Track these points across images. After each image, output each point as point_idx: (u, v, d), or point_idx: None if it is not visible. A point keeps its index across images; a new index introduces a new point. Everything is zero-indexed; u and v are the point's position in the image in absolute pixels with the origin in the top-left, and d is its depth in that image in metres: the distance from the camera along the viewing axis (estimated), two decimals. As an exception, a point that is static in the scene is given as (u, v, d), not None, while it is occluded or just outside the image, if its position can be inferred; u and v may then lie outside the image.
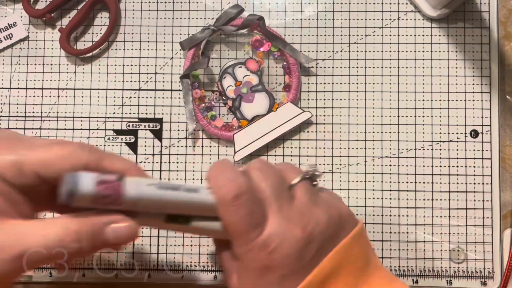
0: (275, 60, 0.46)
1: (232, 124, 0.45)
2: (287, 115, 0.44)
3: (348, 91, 0.45)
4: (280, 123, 0.44)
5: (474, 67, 0.45)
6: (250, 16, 0.44)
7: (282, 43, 0.45)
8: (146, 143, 0.45)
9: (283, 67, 0.45)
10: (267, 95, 0.45)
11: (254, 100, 0.45)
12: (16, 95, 0.46)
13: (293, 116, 0.44)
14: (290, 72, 0.45)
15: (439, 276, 0.43)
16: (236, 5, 0.45)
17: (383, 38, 0.45)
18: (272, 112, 0.44)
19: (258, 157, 0.45)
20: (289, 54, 0.44)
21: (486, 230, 0.44)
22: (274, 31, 0.45)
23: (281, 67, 0.45)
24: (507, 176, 0.45)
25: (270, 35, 0.45)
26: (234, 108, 0.45)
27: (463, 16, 0.45)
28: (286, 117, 0.44)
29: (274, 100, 0.45)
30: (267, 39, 0.45)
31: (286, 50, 0.44)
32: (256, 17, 0.44)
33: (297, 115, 0.44)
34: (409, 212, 0.44)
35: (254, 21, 0.44)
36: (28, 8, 0.45)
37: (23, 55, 0.46)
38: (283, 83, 0.45)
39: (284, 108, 0.44)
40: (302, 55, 0.45)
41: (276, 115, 0.44)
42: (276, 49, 0.45)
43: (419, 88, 0.45)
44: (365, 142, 0.45)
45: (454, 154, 0.44)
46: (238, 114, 0.44)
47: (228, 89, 0.45)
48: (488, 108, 0.45)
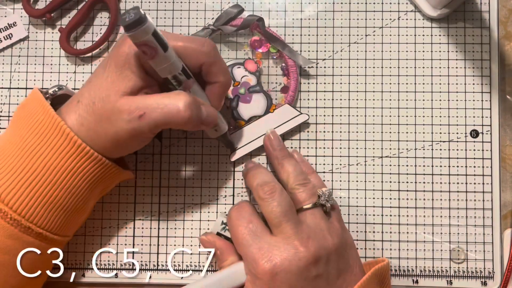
0: (273, 61, 0.46)
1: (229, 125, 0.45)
2: (284, 116, 0.44)
3: (348, 91, 0.45)
4: (276, 124, 0.44)
5: (474, 67, 0.45)
6: (249, 16, 0.44)
7: (281, 44, 0.44)
8: (146, 143, 0.45)
9: (281, 68, 0.45)
10: (264, 96, 0.45)
11: (251, 100, 0.45)
12: (16, 95, 0.46)
13: (290, 118, 0.44)
14: (288, 74, 0.45)
15: (439, 276, 0.43)
16: (236, 5, 0.45)
17: (383, 38, 0.45)
18: (269, 113, 0.44)
19: (256, 157, 0.45)
20: (288, 56, 0.44)
21: (486, 230, 0.44)
22: (273, 32, 0.45)
23: (280, 69, 0.45)
24: (507, 176, 0.45)
25: (269, 36, 0.44)
26: (231, 108, 0.45)
27: (463, 16, 0.45)
28: (283, 118, 0.44)
29: (271, 101, 0.45)
30: (266, 40, 0.45)
31: (285, 52, 0.44)
32: (256, 17, 0.44)
33: (294, 117, 0.44)
34: (409, 212, 0.44)
35: (253, 22, 0.44)
36: (28, 8, 0.45)
37: (23, 55, 0.46)
38: (281, 84, 0.45)
39: (281, 109, 0.44)
40: (300, 57, 0.44)
41: (273, 117, 0.44)
42: (275, 51, 0.45)
43: (419, 88, 0.45)
44: (365, 142, 0.45)
45: (454, 154, 0.44)
46: (235, 114, 0.44)
47: (226, 89, 0.45)
48: (488, 108, 0.45)
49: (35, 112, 0.36)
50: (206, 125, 0.38)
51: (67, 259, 0.44)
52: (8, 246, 0.35)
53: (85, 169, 0.36)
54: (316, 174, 0.42)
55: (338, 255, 0.37)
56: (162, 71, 0.36)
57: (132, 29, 0.33)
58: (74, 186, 0.36)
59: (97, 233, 0.44)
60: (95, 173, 0.37)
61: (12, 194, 0.35)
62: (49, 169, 0.35)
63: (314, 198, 0.39)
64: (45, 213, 0.36)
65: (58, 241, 0.38)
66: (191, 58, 0.37)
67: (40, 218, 0.36)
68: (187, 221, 0.44)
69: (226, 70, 0.38)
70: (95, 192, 0.39)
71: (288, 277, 0.35)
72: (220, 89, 0.39)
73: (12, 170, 0.35)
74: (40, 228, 0.36)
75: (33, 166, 0.35)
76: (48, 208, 0.36)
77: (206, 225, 0.44)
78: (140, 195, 0.45)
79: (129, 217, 0.45)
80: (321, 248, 0.36)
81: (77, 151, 0.36)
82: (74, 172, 0.36)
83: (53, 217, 0.36)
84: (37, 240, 0.36)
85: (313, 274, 0.35)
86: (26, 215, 0.35)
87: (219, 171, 0.45)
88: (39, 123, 0.36)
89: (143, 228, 0.44)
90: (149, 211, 0.45)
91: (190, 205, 0.45)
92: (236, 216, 0.38)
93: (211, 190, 0.45)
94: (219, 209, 0.45)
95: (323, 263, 0.36)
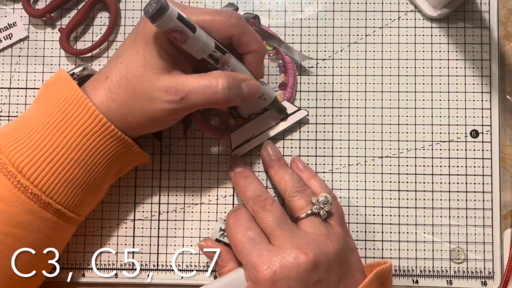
0: (270, 59, 0.46)
1: (229, 123, 0.45)
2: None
3: (348, 91, 0.45)
4: (276, 121, 0.44)
5: (474, 67, 0.45)
6: (245, 14, 0.44)
7: (277, 41, 0.45)
8: (146, 143, 0.45)
9: (278, 65, 0.45)
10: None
11: None
12: (16, 95, 0.46)
13: (289, 114, 0.44)
14: (286, 71, 0.45)
15: (439, 276, 0.43)
16: (230, 3, 0.45)
17: (383, 38, 0.45)
18: (268, 110, 0.44)
19: (256, 155, 0.45)
20: (285, 53, 0.44)
21: (486, 230, 0.44)
22: (269, 29, 0.45)
23: (277, 66, 0.45)
24: (507, 176, 0.45)
25: (265, 33, 0.44)
26: (230, 107, 0.45)
27: (463, 16, 0.45)
28: (282, 115, 0.44)
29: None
30: (262, 38, 0.45)
31: (282, 49, 0.44)
32: (252, 15, 0.44)
33: (293, 113, 0.44)
34: (409, 212, 0.44)
35: (249, 20, 0.44)
36: (28, 8, 0.45)
37: (23, 55, 0.46)
38: (279, 81, 0.45)
39: None
40: (297, 53, 0.44)
41: (272, 114, 0.44)
42: (272, 48, 0.45)
43: (419, 88, 0.45)
44: (365, 142, 0.45)
45: (454, 154, 0.44)
46: (234, 113, 0.44)
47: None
48: (488, 108, 0.45)
49: (61, 90, 0.37)
50: (250, 99, 0.39)
51: (67, 259, 0.44)
52: (27, 221, 0.36)
53: (107, 147, 0.37)
54: (318, 177, 0.42)
55: (339, 260, 0.37)
56: (196, 53, 0.36)
57: (157, 18, 0.33)
58: (94, 164, 0.37)
59: (97, 233, 0.44)
60: (116, 151, 0.38)
61: (34, 169, 0.35)
62: (71, 146, 0.36)
63: (311, 205, 0.39)
64: (65, 190, 0.36)
65: (74, 219, 0.38)
66: (220, 32, 0.37)
67: (60, 194, 0.36)
68: (187, 221, 0.44)
69: (257, 38, 0.38)
70: (112, 171, 0.39)
71: (288, 283, 0.35)
72: (256, 57, 0.39)
73: (34, 145, 0.36)
74: (59, 205, 0.36)
75: (55, 142, 0.36)
76: (68, 185, 0.36)
77: (206, 225, 0.44)
78: (140, 195, 0.45)
79: (129, 217, 0.45)
80: (321, 253, 0.36)
81: (102, 129, 0.36)
82: (96, 150, 0.37)
83: (72, 195, 0.37)
84: (54, 216, 0.37)
85: (313, 279, 0.35)
86: (46, 190, 0.36)
87: (219, 171, 0.45)
88: (65, 101, 0.36)
89: (143, 228, 0.44)
90: (149, 211, 0.45)
91: (190, 205, 0.45)
92: (234, 224, 0.38)
93: (211, 190, 0.45)
94: (219, 209, 0.44)
95: (323, 268, 0.36)
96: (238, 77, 0.37)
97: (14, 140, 0.36)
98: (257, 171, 0.45)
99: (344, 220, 0.40)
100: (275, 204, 0.38)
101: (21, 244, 0.36)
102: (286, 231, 0.37)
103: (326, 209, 0.39)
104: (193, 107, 0.36)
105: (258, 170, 0.45)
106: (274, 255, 0.36)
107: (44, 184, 0.35)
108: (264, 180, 0.44)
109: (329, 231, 0.38)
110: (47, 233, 0.37)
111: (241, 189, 0.41)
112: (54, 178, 0.36)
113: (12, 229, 0.36)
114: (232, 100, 0.36)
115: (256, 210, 0.38)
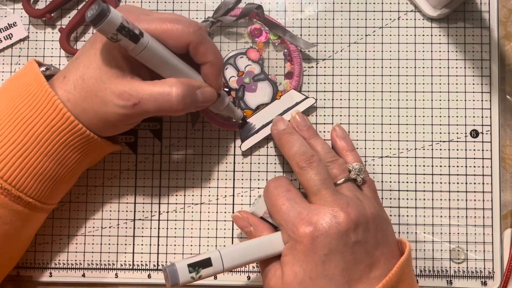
0: (275, 48, 0.46)
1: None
2: (291, 102, 0.44)
3: (348, 91, 0.45)
4: (284, 110, 0.44)
5: (474, 67, 0.45)
6: (248, 5, 0.44)
7: (281, 30, 0.45)
8: (146, 143, 0.45)
9: (284, 54, 0.45)
10: (270, 83, 0.45)
11: (257, 89, 0.45)
12: (16, 95, 0.46)
13: (297, 102, 0.44)
14: (291, 59, 0.45)
15: (439, 276, 0.43)
16: (250, 4, 0.45)
17: (383, 38, 0.45)
18: (276, 100, 0.44)
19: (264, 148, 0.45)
20: (289, 41, 0.45)
21: (486, 230, 0.44)
22: (273, 18, 0.45)
23: (282, 55, 0.45)
24: (507, 176, 0.45)
25: (269, 23, 0.45)
26: (237, 99, 0.45)
27: (463, 16, 0.45)
28: (290, 104, 0.44)
29: (277, 88, 0.45)
30: (266, 28, 0.45)
31: (286, 37, 0.44)
32: (255, 5, 0.44)
33: (301, 101, 0.44)
34: (409, 212, 0.44)
35: (252, 10, 0.44)
36: (28, 8, 0.45)
37: (23, 55, 0.46)
38: (285, 70, 0.45)
39: (288, 95, 0.44)
40: (301, 41, 0.45)
41: (280, 103, 0.44)
42: (276, 37, 0.45)
43: (419, 88, 0.45)
44: (365, 142, 0.45)
45: (454, 154, 0.44)
46: (242, 104, 0.45)
47: (230, 80, 0.45)
48: (488, 108, 0.45)
49: (29, 83, 0.37)
50: (205, 106, 0.39)
51: (67, 259, 0.44)
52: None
53: (76, 143, 0.37)
54: (355, 151, 0.42)
55: (376, 225, 0.37)
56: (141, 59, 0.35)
57: (97, 23, 0.32)
58: (64, 158, 0.37)
59: (97, 233, 0.44)
60: (85, 147, 0.38)
61: (3, 164, 0.35)
62: (41, 141, 0.36)
63: (346, 173, 0.39)
64: (35, 183, 0.37)
65: (45, 209, 0.39)
66: (176, 39, 0.36)
67: (31, 188, 0.36)
68: (187, 221, 0.44)
69: (215, 50, 0.38)
70: (84, 164, 0.40)
71: (328, 240, 0.35)
72: (212, 69, 0.38)
73: (3, 140, 0.36)
74: (30, 198, 0.37)
75: (25, 137, 0.36)
76: (39, 178, 0.37)
77: (206, 225, 0.44)
78: (140, 195, 0.45)
79: (129, 217, 0.45)
80: (360, 215, 0.36)
81: (69, 127, 0.36)
82: (65, 145, 0.37)
83: (43, 187, 0.37)
84: (26, 208, 0.37)
85: (352, 240, 0.35)
86: (16, 184, 0.36)
87: (219, 171, 0.45)
88: (32, 94, 0.36)
89: (143, 228, 0.44)
90: (149, 211, 0.45)
91: (190, 205, 0.45)
92: (274, 186, 0.39)
93: (211, 190, 0.45)
94: (219, 209, 0.45)
95: (362, 230, 0.36)
96: (192, 84, 0.37)
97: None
98: (265, 164, 0.45)
99: (376, 192, 0.41)
100: (321, 163, 0.38)
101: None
102: (330, 190, 0.37)
103: (361, 176, 0.39)
104: (145, 113, 0.36)
105: (266, 163, 0.45)
106: (315, 213, 0.36)
107: (14, 179, 0.36)
108: (277, 172, 0.44)
109: (366, 197, 0.38)
110: (20, 224, 0.38)
111: (286, 144, 0.40)
112: (24, 172, 0.36)
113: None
114: (186, 108, 0.36)
115: (303, 166, 0.38)
